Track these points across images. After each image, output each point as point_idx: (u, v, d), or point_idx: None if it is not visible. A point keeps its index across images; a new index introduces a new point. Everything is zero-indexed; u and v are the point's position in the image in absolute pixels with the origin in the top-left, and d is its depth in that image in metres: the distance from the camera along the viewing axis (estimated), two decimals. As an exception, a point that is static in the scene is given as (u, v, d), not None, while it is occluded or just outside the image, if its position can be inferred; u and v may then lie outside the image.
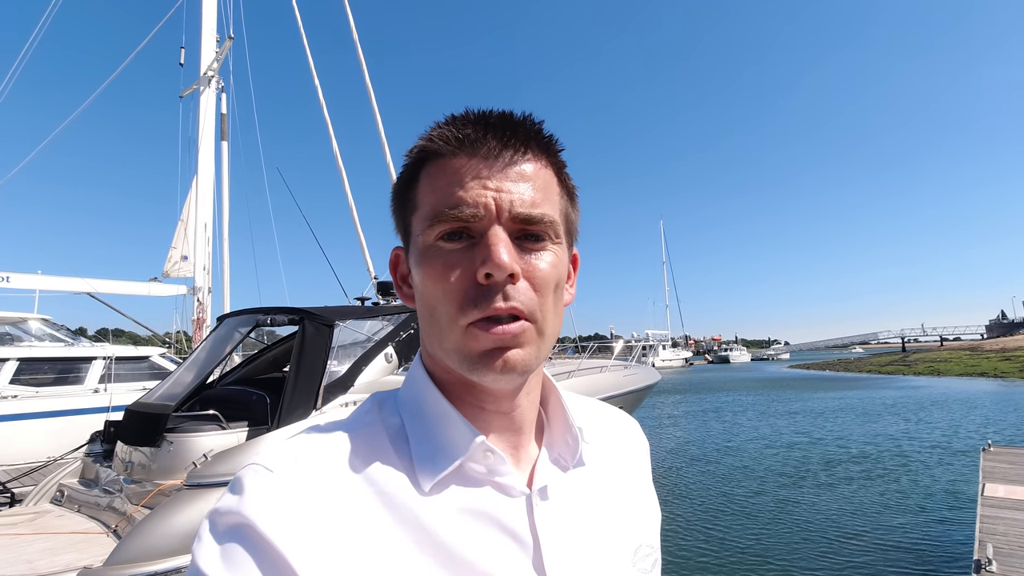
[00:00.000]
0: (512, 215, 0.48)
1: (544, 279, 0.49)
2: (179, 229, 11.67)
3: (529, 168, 0.50)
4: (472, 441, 0.49)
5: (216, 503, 0.44)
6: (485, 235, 0.47)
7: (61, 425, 6.88)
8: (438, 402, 0.51)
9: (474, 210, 0.47)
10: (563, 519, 0.51)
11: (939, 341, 64.32)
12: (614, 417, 0.68)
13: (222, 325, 5.65)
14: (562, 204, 0.53)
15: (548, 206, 0.50)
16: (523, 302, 0.47)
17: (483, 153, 0.49)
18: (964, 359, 34.72)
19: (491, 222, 0.47)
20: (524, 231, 0.49)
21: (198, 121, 11.16)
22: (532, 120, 0.52)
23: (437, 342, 0.50)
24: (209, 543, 0.42)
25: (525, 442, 0.55)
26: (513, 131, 0.50)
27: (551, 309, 0.50)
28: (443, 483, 0.48)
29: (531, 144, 0.51)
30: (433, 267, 0.48)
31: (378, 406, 0.54)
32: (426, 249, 0.49)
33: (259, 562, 0.40)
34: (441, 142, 0.50)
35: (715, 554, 5.17)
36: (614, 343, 13.30)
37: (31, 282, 9.95)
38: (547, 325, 0.50)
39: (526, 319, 0.47)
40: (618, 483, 0.60)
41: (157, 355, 9.41)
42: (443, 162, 0.50)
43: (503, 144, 0.49)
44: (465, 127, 0.49)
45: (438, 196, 0.49)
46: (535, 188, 0.50)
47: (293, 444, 0.48)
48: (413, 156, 0.52)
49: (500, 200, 0.48)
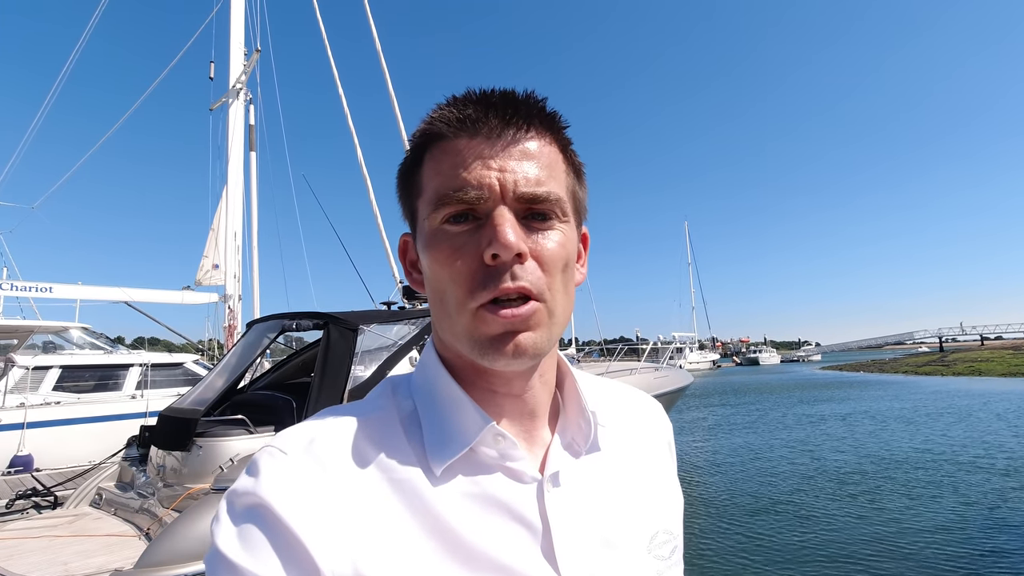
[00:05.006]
0: (517, 195, 0.47)
1: (552, 258, 0.48)
2: (210, 238, 11.99)
3: (533, 146, 0.49)
4: (483, 426, 0.49)
5: (234, 484, 0.45)
6: (490, 216, 0.46)
7: (101, 430, 7.10)
8: (449, 387, 0.51)
9: (478, 191, 0.46)
10: (575, 505, 0.50)
11: (979, 340, 61.88)
12: (634, 399, 0.66)
13: (251, 331, 5.77)
14: (568, 182, 0.52)
15: (554, 184, 0.49)
16: (531, 281, 0.46)
17: (485, 133, 0.48)
18: (1007, 358, 33.18)
19: (496, 202, 0.46)
20: (530, 210, 0.48)
21: (227, 133, 11.46)
22: (535, 97, 0.50)
23: (447, 326, 0.49)
24: (227, 523, 0.43)
25: (539, 426, 0.54)
26: (515, 109, 0.49)
27: (561, 289, 0.49)
28: (454, 468, 0.48)
29: (534, 121, 0.49)
30: (440, 250, 0.48)
31: (392, 390, 0.54)
32: (432, 233, 0.49)
33: (273, 541, 0.41)
34: (442, 124, 0.49)
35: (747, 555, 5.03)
36: (641, 346, 13.16)
37: (72, 292, 10.34)
38: (557, 305, 0.49)
39: (535, 299, 0.47)
40: (636, 467, 0.58)
41: (191, 361, 9.66)
42: (445, 144, 0.49)
43: (505, 123, 0.48)
44: (466, 107, 0.48)
45: (442, 179, 0.48)
46: (540, 166, 0.48)
47: (307, 427, 0.48)
48: (416, 140, 0.52)
49: (504, 180, 0.47)
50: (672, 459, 0.65)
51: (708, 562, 5.01)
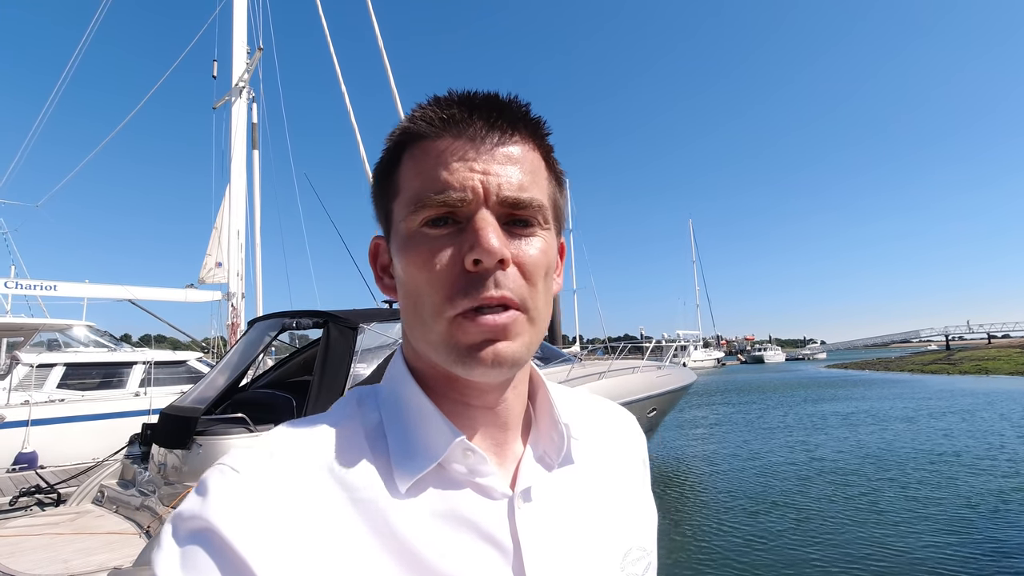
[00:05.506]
0: (500, 199, 0.45)
1: (535, 265, 0.47)
2: (213, 236, 12.03)
3: (517, 151, 0.48)
4: (452, 440, 0.46)
5: (180, 506, 0.42)
6: (472, 219, 0.45)
7: (105, 427, 7.16)
8: (417, 399, 0.49)
9: (461, 194, 0.45)
10: (547, 522, 0.49)
11: (986, 338, 61.42)
12: (609, 412, 0.64)
13: (252, 329, 5.78)
14: (550, 189, 0.51)
15: (537, 190, 0.48)
16: (513, 290, 0.45)
17: (469, 135, 0.46)
18: (1015, 357, 32.88)
19: (478, 206, 0.45)
20: (512, 216, 0.47)
21: (230, 131, 11.49)
22: (519, 102, 0.49)
23: (421, 335, 0.47)
24: (170, 549, 0.39)
25: (511, 439, 0.52)
26: (501, 112, 0.47)
27: (541, 298, 0.48)
28: (420, 484, 0.46)
29: (519, 126, 0.48)
30: (418, 254, 0.46)
31: (357, 402, 0.52)
32: (410, 236, 0.47)
33: (222, 569, 0.38)
34: (424, 123, 0.47)
35: (748, 556, 5.02)
36: (644, 344, 13.12)
37: (77, 290, 10.42)
38: (538, 314, 0.48)
39: (517, 308, 0.45)
40: (609, 482, 0.56)
41: (194, 359, 9.72)
42: (427, 144, 0.47)
43: (490, 125, 0.47)
44: (450, 107, 0.47)
45: (422, 180, 0.46)
46: (523, 171, 0.47)
47: (264, 443, 0.46)
48: (395, 138, 0.50)
49: (487, 183, 0.45)
50: (646, 474, 0.63)
51: (706, 562, 5.00)
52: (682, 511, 6.56)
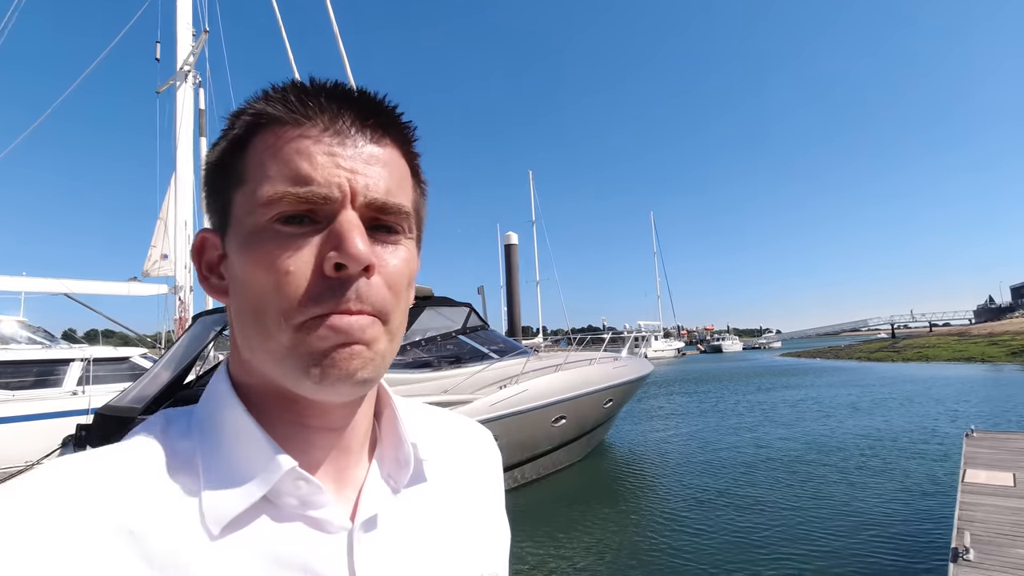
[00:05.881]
0: (367, 201, 0.42)
1: (399, 275, 0.43)
2: (158, 227, 11.53)
3: (387, 154, 0.44)
4: (279, 468, 0.41)
5: None
6: (335, 220, 0.40)
7: (38, 428, 6.79)
8: (238, 420, 0.43)
9: (326, 190, 0.40)
10: (391, 554, 0.45)
11: (928, 327, 64.81)
12: (462, 429, 0.60)
13: (197, 323, 5.57)
14: (415, 198, 0.48)
15: (404, 197, 0.45)
16: (375, 303, 0.41)
17: (338, 128, 0.42)
18: (952, 344, 34.90)
19: (343, 206, 0.41)
20: (377, 221, 0.43)
21: (175, 117, 10.96)
22: (392, 105, 0.46)
23: (259, 343, 0.41)
24: None
25: (353, 463, 0.47)
26: (373, 110, 0.44)
27: (402, 310, 0.45)
28: (239, 523, 0.39)
29: (390, 128, 0.45)
30: (265, 253, 0.40)
31: (162, 427, 0.44)
32: (257, 232, 0.41)
33: None
34: (285, 108, 0.42)
35: (697, 545, 5.15)
36: (603, 335, 13.27)
37: (7, 284, 9.77)
38: (397, 329, 0.44)
39: (379, 320, 0.42)
40: (461, 504, 0.53)
41: (137, 356, 9.31)
42: (286, 131, 0.42)
43: (361, 122, 0.43)
44: (318, 96, 0.42)
45: (279, 170, 0.40)
46: (392, 176, 0.44)
47: (39, 480, 0.37)
48: (245, 118, 0.43)
49: (355, 183, 0.41)
50: (501, 493, 0.60)
51: (654, 552, 5.11)
52: (632, 502, 6.67)
